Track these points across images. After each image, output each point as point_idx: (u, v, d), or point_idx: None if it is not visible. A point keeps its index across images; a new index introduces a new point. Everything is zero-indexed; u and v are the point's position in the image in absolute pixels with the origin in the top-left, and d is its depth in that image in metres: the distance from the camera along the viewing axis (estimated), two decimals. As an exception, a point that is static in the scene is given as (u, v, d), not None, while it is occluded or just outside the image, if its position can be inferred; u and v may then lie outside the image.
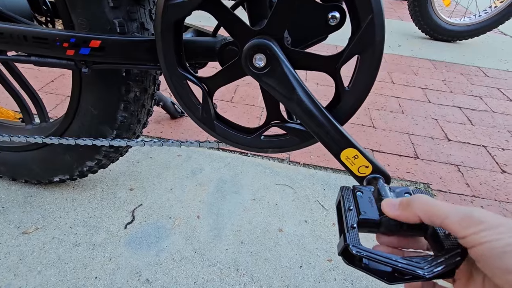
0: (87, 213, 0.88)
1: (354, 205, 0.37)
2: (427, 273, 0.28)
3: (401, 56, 2.22)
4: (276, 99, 0.49)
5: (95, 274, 0.73)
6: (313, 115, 0.47)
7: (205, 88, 0.54)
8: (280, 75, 0.46)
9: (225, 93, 1.53)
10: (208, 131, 0.57)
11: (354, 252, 0.31)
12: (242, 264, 0.79)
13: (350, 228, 0.34)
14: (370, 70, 0.46)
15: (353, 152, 0.47)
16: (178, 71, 0.52)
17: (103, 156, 0.77)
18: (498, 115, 1.58)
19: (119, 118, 0.68)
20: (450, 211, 0.26)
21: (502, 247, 0.22)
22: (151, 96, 0.72)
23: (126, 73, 0.62)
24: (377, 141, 1.31)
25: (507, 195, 1.10)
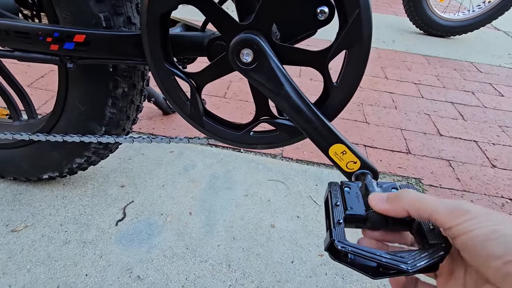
0: (77, 211, 0.87)
1: (341, 201, 0.37)
2: (411, 267, 0.28)
3: (395, 52, 2.22)
4: (265, 95, 0.49)
5: (86, 271, 0.73)
6: (301, 110, 0.47)
7: (193, 83, 0.53)
8: (268, 70, 0.46)
9: (218, 89, 1.52)
10: (197, 127, 0.56)
11: (339, 248, 0.31)
12: (234, 260, 0.79)
13: (336, 224, 0.34)
14: (358, 65, 0.46)
15: (341, 148, 0.47)
16: (165, 67, 0.51)
17: (92, 152, 0.76)
18: (489, 110, 1.60)
19: (108, 114, 0.67)
20: (438, 205, 0.26)
21: (484, 234, 0.22)
22: (140, 92, 0.71)
23: (114, 68, 0.61)
24: (370, 136, 1.31)
25: (497, 189, 1.11)
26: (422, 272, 0.29)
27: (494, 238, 0.22)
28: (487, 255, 0.22)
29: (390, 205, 0.31)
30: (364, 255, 0.30)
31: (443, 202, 0.26)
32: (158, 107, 1.24)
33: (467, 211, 0.24)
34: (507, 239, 0.22)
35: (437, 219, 0.26)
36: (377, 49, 2.23)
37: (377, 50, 2.21)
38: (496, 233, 0.22)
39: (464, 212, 0.24)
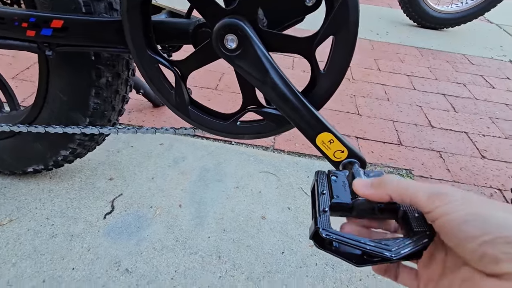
0: (64, 204, 0.85)
1: (328, 189, 0.36)
2: (395, 255, 0.28)
3: (388, 44, 2.21)
4: (251, 83, 0.48)
5: (73, 265, 0.72)
6: (287, 99, 0.46)
7: (178, 71, 0.52)
8: (253, 57, 0.45)
9: (210, 81, 1.50)
10: (183, 117, 0.55)
11: (324, 236, 0.31)
12: (224, 251, 0.79)
13: (321, 212, 0.34)
14: (345, 51, 0.45)
15: (329, 137, 0.46)
16: (147, 54, 0.49)
17: (77, 144, 0.74)
18: (480, 102, 1.61)
19: (91, 104, 0.66)
20: (418, 189, 0.26)
21: (462, 217, 0.22)
22: (126, 82, 0.69)
23: (96, 56, 0.59)
24: (362, 128, 1.31)
25: (486, 179, 1.12)
26: (406, 260, 0.29)
27: (471, 219, 0.22)
28: (464, 237, 0.22)
29: (374, 190, 0.31)
30: (349, 242, 0.30)
31: (423, 187, 0.26)
32: (147, 99, 1.22)
33: (446, 194, 0.24)
34: (484, 220, 0.22)
35: (418, 203, 0.26)
36: (371, 41, 2.22)
37: (370, 42, 2.20)
38: (473, 215, 0.22)
39: (443, 196, 0.24)
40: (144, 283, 0.71)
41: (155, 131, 0.61)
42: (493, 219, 0.21)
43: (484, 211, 0.22)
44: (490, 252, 0.20)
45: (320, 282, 0.75)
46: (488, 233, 0.21)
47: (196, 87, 1.44)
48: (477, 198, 0.24)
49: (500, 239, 0.20)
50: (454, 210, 0.23)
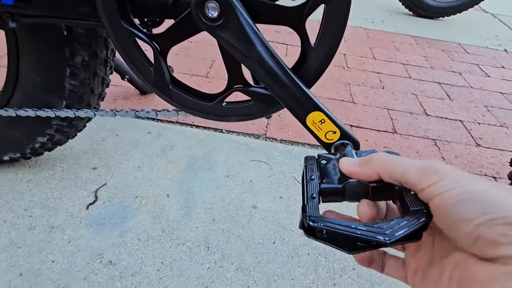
0: (44, 194, 0.81)
1: (317, 174, 0.33)
2: (388, 238, 0.25)
3: (384, 32, 2.17)
4: (235, 57, 0.44)
5: (52, 257, 0.68)
6: (275, 75, 0.42)
7: (156, 46, 0.47)
8: (236, 27, 0.40)
9: (201, 68, 1.45)
10: (163, 97, 0.51)
11: (311, 224, 0.28)
12: (213, 242, 0.76)
13: (310, 199, 0.30)
14: (337, 22, 0.41)
15: (320, 116, 0.43)
16: (122, 26, 0.45)
17: (55, 130, 0.70)
18: (476, 91, 1.59)
19: (67, 86, 0.61)
20: (408, 166, 0.24)
21: (455, 196, 0.20)
22: (105, 62, 0.64)
23: (68, 31, 0.54)
24: (357, 116, 1.28)
25: (480, 167, 1.11)
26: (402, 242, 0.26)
27: (465, 199, 0.20)
28: (458, 218, 0.20)
29: (361, 168, 0.28)
30: (338, 229, 0.27)
31: (414, 163, 0.24)
32: (133, 85, 1.17)
33: (438, 171, 0.22)
34: (480, 199, 0.19)
35: (408, 181, 0.24)
36: (366, 29, 2.18)
37: (365, 31, 2.15)
38: (469, 193, 0.20)
39: (435, 173, 0.22)
40: (128, 275, 0.67)
41: (135, 114, 0.56)
42: (491, 198, 0.19)
43: (481, 188, 0.20)
44: (487, 234, 0.18)
45: (313, 272, 0.73)
46: (486, 214, 0.18)
47: (186, 75, 1.39)
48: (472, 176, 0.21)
49: (499, 220, 0.18)
50: (448, 188, 0.21)
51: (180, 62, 1.46)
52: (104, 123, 1.05)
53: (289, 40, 1.80)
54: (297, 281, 0.70)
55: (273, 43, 1.77)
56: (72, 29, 0.54)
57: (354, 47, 1.87)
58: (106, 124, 1.05)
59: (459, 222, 0.20)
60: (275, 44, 1.76)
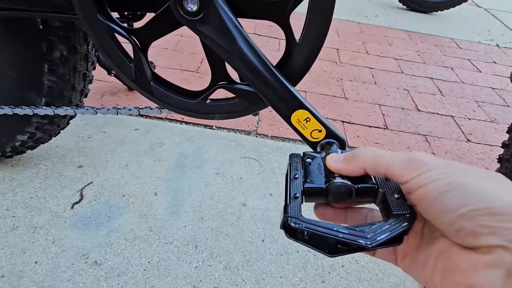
0: (27, 194, 0.79)
1: (301, 173, 0.32)
2: (370, 242, 0.24)
3: (377, 27, 2.16)
4: (217, 53, 0.42)
5: (36, 258, 0.67)
6: (258, 72, 0.41)
7: (136, 42, 0.46)
8: (217, 22, 0.39)
9: (190, 63, 1.42)
10: (144, 94, 0.49)
11: (292, 225, 0.27)
12: (201, 240, 0.75)
13: (292, 199, 0.30)
14: (322, 16, 0.39)
15: (305, 114, 0.42)
16: (98, 20, 0.43)
17: (35, 128, 0.68)
18: (467, 86, 1.60)
19: (46, 82, 0.59)
20: (393, 158, 0.24)
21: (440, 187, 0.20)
22: (85, 57, 0.62)
23: (44, 25, 0.51)
24: (348, 112, 1.27)
25: (470, 163, 1.12)
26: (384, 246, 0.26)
27: (450, 189, 0.20)
28: (441, 208, 0.20)
29: (346, 164, 0.28)
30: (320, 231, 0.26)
31: (399, 155, 0.24)
32: (121, 80, 1.14)
33: (424, 162, 0.22)
34: (464, 190, 0.19)
35: (393, 173, 0.23)
36: (359, 23, 2.16)
37: (359, 25, 2.14)
38: (453, 184, 0.20)
39: (421, 164, 0.22)
40: (114, 275, 0.66)
41: (117, 112, 0.54)
42: (473, 189, 0.19)
43: (464, 180, 0.20)
44: (468, 225, 0.19)
45: (302, 270, 0.72)
46: (467, 205, 0.19)
47: (175, 70, 1.36)
48: (460, 166, 0.21)
49: (479, 211, 0.18)
50: (433, 180, 0.21)
51: (169, 57, 1.43)
52: (91, 120, 1.03)
53: (282, 35, 1.77)
54: (286, 279, 0.70)
55: (265, 37, 1.75)
56: (48, 22, 0.51)
57: (347, 42, 1.86)
58: (93, 121, 1.03)
59: (442, 213, 0.20)
60: (267, 38, 1.74)
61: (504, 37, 2.33)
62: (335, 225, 0.27)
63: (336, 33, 1.93)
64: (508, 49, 2.13)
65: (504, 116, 1.39)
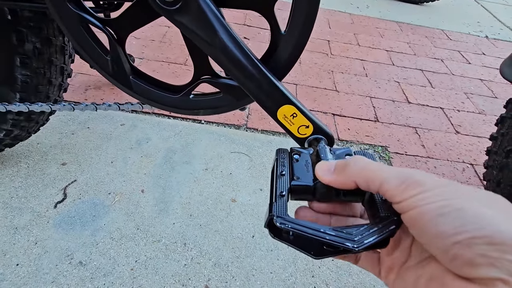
0: (7, 193, 0.76)
1: (288, 170, 0.31)
2: (357, 245, 0.24)
3: (368, 18, 2.14)
4: (197, 45, 0.40)
5: (17, 260, 0.64)
6: (241, 65, 0.39)
7: (112, 33, 0.43)
8: (196, 12, 0.37)
9: (178, 55, 1.38)
10: (123, 88, 0.47)
11: (278, 225, 0.26)
12: (190, 238, 0.74)
13: (278, 197, 0.28)
14: (309, 6, 0.37)
15: (291, 110, 0.40)
16: (68, 9, 0.40)
17: (11, 125, 0.64)
18: (457, 78, 1.60)
19: (19, 77, 0.55)
20: (388, 175, 0.22)
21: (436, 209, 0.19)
22: (61, 50, 0.59)
23: (13, 16, 0.48)
24: (339, 105, 1.26)
25: (459, 155, 1.13)
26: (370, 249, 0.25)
27: (445, 213, 0.18)
28: (435, 233, 0.18)
29: (337, 177, 0.26)
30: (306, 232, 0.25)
31: (393, 172, 0.22)
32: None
33: (420, 183, 0.20)
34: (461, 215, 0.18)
35: (387, 191, 0.22)
36: (351, 14, 2.14)
37: (350, 16, 2.11)
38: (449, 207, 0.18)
39: (416, 184, 0.20)
40: (99, 275, 0.65)
41: (96, 108, 0.52)
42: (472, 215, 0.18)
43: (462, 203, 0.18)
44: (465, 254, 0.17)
45: (292, 265, 0.72)
46: (464, 231, 0.17)
47: (162, 62, 1.32)
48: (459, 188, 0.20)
49: (477, 239, 0.17)
50: (428, 202, 0.19)
51: (156, 49, 1.39)
52: (74, 115, 0.99)
53: (272, 26, 1.74)
54: (276, 275, 0.70)
55: (255, 28, 1.71)
56: (17, 12, 0.48)
57: (338, 34, 1.83)
58: (76, 117, 0.99)
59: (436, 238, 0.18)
60: (257, 30, 1.70)
61: (493, 28, 2.34)
62: (321, 226, 0.25)
63: (328, 24, 1.91)
64: (497, 40, 2.14)
65: (492, 108, 1.40)
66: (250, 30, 1.69)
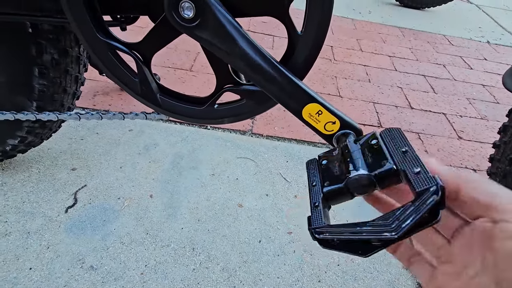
0: (20, 198, 0.77)
1: (319, 178, 0.31)
2: (395, 232, 0.22)
3: (371, 23, 2.16)
4: (219, 56, 0.41)
5: (30, 264, 0.66)
6: (262, 70, 0.39)
7: (138, 56, 0.44)
8: (215, 25, 0.38)
9: (184, 61, 1.40)
10: (153, 107, 0.48)
11: (317, 236, 0.26)
12: (198, 242, 0.75)
13: (313, 208, 0.29)
14: (323, 5, 0.39)
15: (316, 108, 0.40)
16: (98, 39, 0.41)
17: (26, 132, 0.66)
18: (459, 83, 1.62)
19: (37, 86, 0.57)
20: (502, 191, 0.21)
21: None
22: (77, 60, 0.60)
23: (33, 29, 0.50)
24: (343, 110, 1.27)
25: (461, 160, 1.14)
26: (415, 232, 0.23)
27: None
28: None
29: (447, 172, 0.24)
30: (343, 234, 0.25)
31: (507, 191, 0.21)
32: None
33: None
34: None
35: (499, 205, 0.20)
36: (353, 20, 2.16)
37: (353, 21, 2.14)
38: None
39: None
40: (111, 280, 0.66)
41: (101, 117, 0.53)
42: None
43: None
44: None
45: (298, 270, 0.73)
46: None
47: (168, 68, 1.34)
48: None
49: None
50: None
51: (162, 55, 1.41)
52: (83, 121, 1.01)
53: (276, 32, 1.76)
54: (283, 280, 0.71)
55: (260, 34, 1.73)
56: (37, 25, 0.50)
57: (341, 39, 1.85)
58: (85, 122, 1.01)
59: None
60: (262, 36, 1.72)
61: (494, 33, 2.36)
62: (358, 223, 0.25)
63: (330, 30, 1.93)
64: (498, 45, 2.16)
65: (494, 113, 1.42)
66: (254, 36, 1.71)
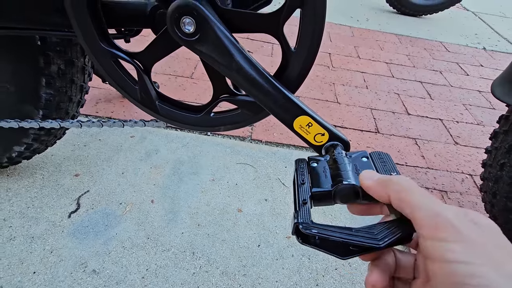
0: (24, 203, 0.79)
1: (308, 178, 0.33)
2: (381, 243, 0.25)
3: (368, 30, 2.20)
4: (216, 69, 0.44)
5: (34, 268, 0.67)
6: (257, 83, 0.42)
7: (139, 65, 0.47)
8: (214, 40, 0.40)
9: (185, 68, 1.43)
10: (151, 113, 0.51)
11: (303, 231, 0.28)
12: (198, 247, 0.77)
13: (301, 205, 0.30)
14: (314, 24, 0.41)
15: (306, 120, 0.42)
16: (101, 47, 0.44)
17: (32, 139, 0.68)
18: (455, 89, 1.64)
19: (43, 96, 0.59)
20: (424, 203, 0.22)
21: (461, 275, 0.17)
22: (82, 70, 0.63)
23: (42, 41, 0.52)
24: (341, 116, 1.30)
25: (458, 165, 1.15)
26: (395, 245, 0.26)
27: (466, 283, 0.17)
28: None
29: (377, 185, 0.27)
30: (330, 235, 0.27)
31: (430, 202, 0.22)
32: (116, 88, 1.15)
33: (455, 227, 0.19)
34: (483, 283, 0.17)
35: (416, 219, 0.22)
36: (351, 27, 2.20)
37: (351, 29, 2.18)
38: (478, 278, 0.17)
39: (450, 228, 0.19)
40: (112, 283, 0.67)
41: (102, 124, 0.55)
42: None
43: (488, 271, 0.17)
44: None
45: (296, 274, 0.74)
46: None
47: (169, 76, 1.37)
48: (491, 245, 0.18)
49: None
50: (456, 260, 0.17)
51: (164, 63, 1.44)
52: (86, 128, 1.03)
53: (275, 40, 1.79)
54: (281, 283, 0.72)
55: (259, 42, 1.77)
56: (46, 38, 0.52)
57: (339, 46, 1.89)
58: (88, 129, 1.03)
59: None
60: (261, 43, 1.76)
61: (490, 40, 2.40)
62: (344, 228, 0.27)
63: (329, 38, 1.97)
64: (494, 52, 2.19)
65: (490, 119, 1.44)
66: (254, 44, 1.75)
